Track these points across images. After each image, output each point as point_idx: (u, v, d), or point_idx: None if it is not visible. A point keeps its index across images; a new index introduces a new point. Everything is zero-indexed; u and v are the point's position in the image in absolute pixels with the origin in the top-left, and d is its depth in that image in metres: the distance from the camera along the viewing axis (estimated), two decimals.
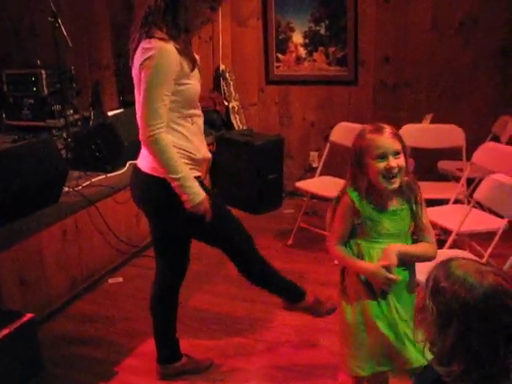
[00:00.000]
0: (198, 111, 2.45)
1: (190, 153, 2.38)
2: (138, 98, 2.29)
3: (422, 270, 1.78)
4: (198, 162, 2.43)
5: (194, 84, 2.34)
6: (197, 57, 2.42)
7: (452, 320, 1.28)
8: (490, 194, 2.98)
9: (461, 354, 1.28)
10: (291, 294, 2.88)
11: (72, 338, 3.14)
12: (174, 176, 2.28)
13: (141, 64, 2.23)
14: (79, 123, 4.90)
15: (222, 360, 2.92)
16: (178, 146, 2.34)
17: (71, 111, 4.84)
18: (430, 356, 1.38)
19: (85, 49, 5.34)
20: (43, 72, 4.80)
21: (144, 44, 2.22)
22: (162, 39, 2.21)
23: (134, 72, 2.31)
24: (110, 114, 4.58)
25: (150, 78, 2.21)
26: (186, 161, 2.37)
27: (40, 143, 3.44)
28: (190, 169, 2.39)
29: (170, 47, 2.21)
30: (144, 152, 2.42)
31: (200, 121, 2.47)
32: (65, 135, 4.29)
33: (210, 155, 2.56)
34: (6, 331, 2.60)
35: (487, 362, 1.26)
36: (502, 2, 4.37)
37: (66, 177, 3.46)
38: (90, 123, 4.79)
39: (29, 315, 2.74)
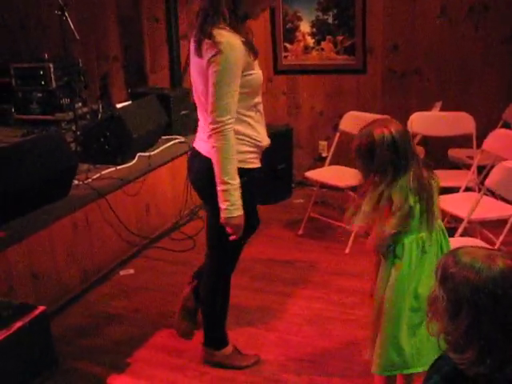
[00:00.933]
0: (260, 99, 2.47)
1: (257, 141, 2.44)
2: (199, 86, 2.33)
3: None
4: (261, 149, 2.51)
5: (258, 72, 2.37)
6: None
7: (463, 305, 1.28)
8: (502, 180, 2.96)
9: (474, 339, 1.28)
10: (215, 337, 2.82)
11: (84, 331, 3.17)
12: (225, 178, 2.25)
13: (209, 59, 2.21)
14: (88, 116, 4.91)
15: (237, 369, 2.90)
16: (246, 135, 2.38)
17: (80, 104, 4.84)
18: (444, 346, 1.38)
19: (92, 41, 5.34)
20: (51, 66, 4.81)
21: (212, 37, 2.19)
22: (228, 32, 2.20)
23: (199, 62, 2.30)
24: (118, 106, 4.59)
25: (219, 74, 2.20)
26: (252, 149, 2.44)
27: (49, 137, 3.46)
28: (255, 158, 2.47)
29: (237, 41, 2.21)
30: (204, 136, 2.40)
31: (261, 108, 2.50)
32: (74, 128, 4.30)
33: (269, 142, 2.60)
34: (19, 324, 2.61)
35: (501, 347, 1.26)
36: None
37: (76, 170, 3.47)
38: (99, 116, 4.80)
39: (41, 308, 2.75)
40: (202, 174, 2.46)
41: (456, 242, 3.02)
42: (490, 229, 3.52)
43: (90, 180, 3.67)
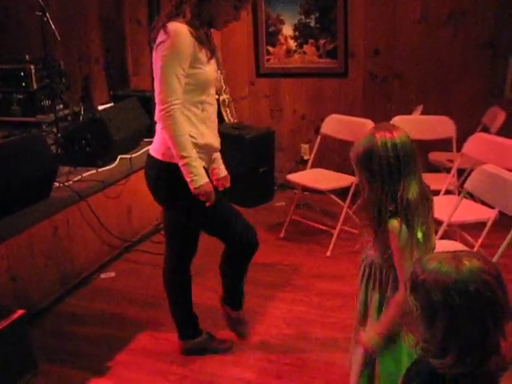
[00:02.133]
0: (210, 99, 2.51)
1: (192, 137, 2.43)
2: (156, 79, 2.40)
3: None
4: (200, 147, 2.47)
5: (206, 71, 2.42)
6: (219, 53, 2.53)
7: (437, 309, 1.29)
8: (481, 184, 2.98)
9: (453, 342, 1.29)
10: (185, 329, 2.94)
11: (64, 334, 3.14)
12: (182, 153, 2.35)
13: (157, 46, 2.34)
14: (69, 118, 4.87)
15: (213, 353, 2.92)
16: None
17: (61, 106, 4.80)
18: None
19: (74, 43, 5.30)
20: (32, 67, 4.76)
21: (165, 27, 2.32)
22: (180, 23, 2.32)
23: (154, 56, 2.40)
24: (100, 108, 4.57)
25: (165, 58, 2.31)
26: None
27: (29, 139, 3.43)
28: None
29: (185, 30, 2.30)
30: (157, 138, 2.51)
31: (211, 109, 2.53)
32: (55, 130, 4.27)
33: (217, 145, 2.63)
34: None
35: (480, 344, 1.28)
36: None
37: (57, 172, 3.45)
38: (81, 118, 4.77)
39: (20, 311, 2.72)
40: (150, 174, 2.55)
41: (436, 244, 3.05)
42: (469, 231, 3.55)
43: (70, 182, 3.64)
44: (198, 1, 2.36)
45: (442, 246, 2.99)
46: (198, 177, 2.38)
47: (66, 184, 3.60)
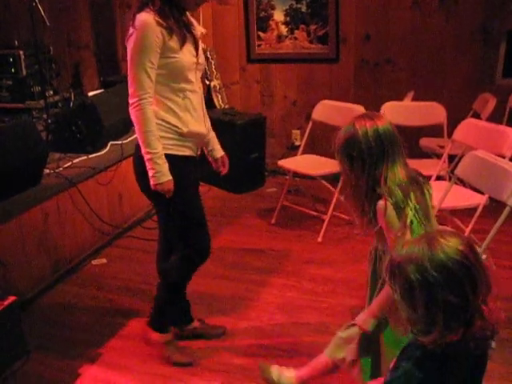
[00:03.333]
0: (192, 86, 2.47)
1: (176, 126, 2.43)
2: None
3: None
4: (185, 136, 2.46)
5: (180, 58, 2.39)
6: (198, 32, 2.52)
7: (414, 287, 1.34)
8: (471, 170, 3.00)
9: (436, 313, 1.34)
10: (164, 319, 2.85)
11: (55, 321, 3.14)
12: (147, 149, 2.36)
13: (127, 39, 2.34)
14: (59, 104, 4.84)
15: (205, 339, 2.93)
16: (164, 119, 2.42)
17: (51, 92, 4.77)
18: None
19: (63, 29, 5.25)
20: (21, 53, 4.72)
21: (136, 17, 2.31)
22: (148, 13, 2.29)
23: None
24: (90, 94, 4.54)
25: (132, 51, 2.31)
26: (171, 135, 2.44)
27: (19, 125, 3.40)
28: (175, 145, 2.46)
29: (151, 21, 2.28)
30: None
31: (194, 96, 2.49)
32: (45, 116, 4.24)
33: (204, 131, 2.60)
34: None
35: (461, 310, 1.33)
36: None
37: (47, 158, 3.43)
38: (71, 104, 4.74)
39: (11, 298, 2.72)
40: (136, 160, 2.53)
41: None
42: (459, 217, 3.58)
43: (61, 169, 3.63)
44: None
45: None
46: (159, 174, 2.37)
47: (57, 170, 3.58)
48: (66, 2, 5.15)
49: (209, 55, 5.14)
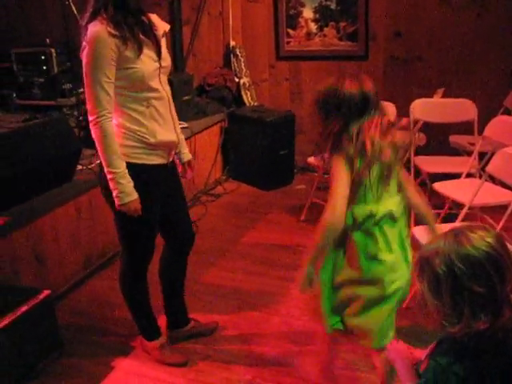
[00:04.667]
0: (156, 94, 2.37)
1: (143, 137, 2.35)
2: None
3: None
4: (154, 146, 2.39)
5: (140, 68, 2.28)
6: (162, 30, 2.40)
7: (441, 279, 1.37)
8: (503, 166, 2.97)
9: (462, 303, 1.36)
10: (147, 328, 2.82)
11: (88, 315, 3.19)
12: (109, 168, 2.27)
13: (81, 51, 2.24)
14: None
15: (237, 334, 2.96)
16: (130, 130, 2.34)
17: (81, 90, 4.84)
18: None
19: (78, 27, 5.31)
20: (53, 50, 4.80)
21: (88, 27, 2.21)
22: (101, 23, 2.19)
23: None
24: None
25: (86, 66, 2.21)
26: (138, 144, 2.36)
27: (53, 121, 3.46)
28: (144, 154, 2.38)
29: (103, 33, 2.18)
30: None
31: (160, 103, 2.39)
32: (76, 114, 4.30)
33: (174, 139, 2.49)
34: (24, 308, 2.63)
35: (489, 300, 1.35)
36: None
37: (80, 155, 3.48)
38: None
39: (46, 292, 2.77)
40: (98, 172, 2.49)
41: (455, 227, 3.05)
42: (489, 214, 3.55)
43: (93, 165, 3.68)
44: None
45: None
46: (123, 194, 2.29)
47: (89, 167, 3.63)
48: None
49: (238, 53, 5.17)
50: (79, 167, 3.57)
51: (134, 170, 2.34)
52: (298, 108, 5.14)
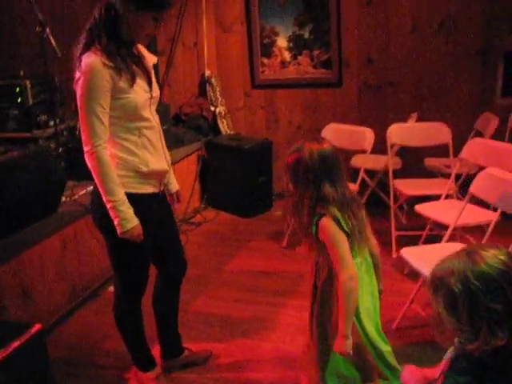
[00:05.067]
0: (147, 123, 2.39)
1: (136, 166, 2.36)
2: None
3: None
4: (146, 175, 2.41)
5: (133, 98, 2.30)
6: (151, 62, 2.45)
7: (457, 297, 1.40)
8: (487, 187, 3.06)
9: (480, 320, 1.39)
10: (141, 359, 2.80)
11: (77, 348, 3.14)
12: (108, 197, 2.27)
13: (75, 82, 2.26)
14: (65, 133, 4.87)
15: (231, 361, 2.95)
16: (123, 159, 2.34)
17: (57, 121, 4.81)
18: None
19: (65, 57, 5.30)
20: (28, 82, 4.77)
21: (82, 59, 2.23)
22: (95, 54, 2.21)
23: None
24: None
25: (81, 98, 2.22)
26: (131, 173, 2.36)
27: (37, 153, 3.44)
28: (137, 183, 2.39)
29: (98, 64, 2.20)
30: None
31: (151, 133, 2.42)
32: (53, 145, 4.27)
33: (165, 167, 2.52)
34: (16, 343, 2.56)
35: (505, 317, 1.38)
36: (478, 3, 4.50)
37: (64, 186, 3.46)
38: (76, 132, 4.77)
39: (37, 326, 2.68)
40: (92, 201, 2.48)
41: (443, 247, 3.13)
42: (468, 234, 3.65)
43: (76, 196, 3.65)
44: (114, 20, 2.25)
45: (450, 248, 3.07)
46: (124, 221, 2.28)
47: (73, 198, 3.60)
48: (68, 31, 5.22)
49: (213, 82, 5.23)
50: (63, 199, 3.54)
51: (128, 199, 2.33)
52: (273, 135, 5.20)
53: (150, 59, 2.49)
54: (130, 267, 2.56)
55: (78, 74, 2.24)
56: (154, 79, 2.47)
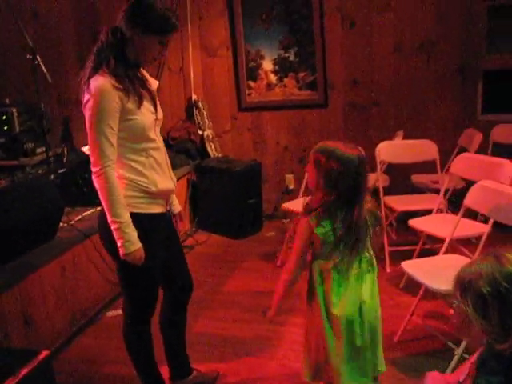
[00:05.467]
0: (154, 144, 2.43)
1: (145, 187, 2.38)
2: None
3: None
4: (155, 195, 2.43)
5: (140, 119, 2.34)
6: (154, 86, 2.48)
7: (487, 300, 1.44)
8: (481, 199, 3.14)
9: (510, 320, 1.43)
10: (151, 382, 2.80)
11: (80, 374, 3.10)
12: (114, 218, 2.28)
13: (83, 105, 2.28)
14: (51, 160, 4.85)
15: (239, 380, 2.95)
16: (131, 180, 2.36)
17: (43, 148, 4.79)
18: None
19: (52, 84, 5.30)
20: (14, 110, 4.75)
21: (88, 84, 2.26)
22: (104, 77, 2.25)
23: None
24: (83, 149, 4.59)
25: (90, 119, 2.24)
26: (139, 193, 2.38)
27: (35, 180, 3.43)
28: (146, 204, 2.41)
29: (108, 85, 2.24)
30: None
31: (157, 153, 2.45)
32: (41, 172, 4.25)
33: (172, 187, 2.55)
34: (24, 370, 2.54)
35: None
36: (457, 25, 4.66)
37: (63, 212, 3.44)
38: (64, 159, 4.76)
39: (44, 352, 2.66)
40: (99, 224, 2.50)
41: (442, 259, 3.20)
42: (462, 246, 3.73)
43: (72, 222, 3.64)
44: (120, 44, 2.31)
45: (448, 260, 3.16)
46: (128, 243, 2.29)
47: (71, 223, 3.59)
48: (54, 59, 5.23)
49: (200, 106, 5.27)
50: (60, 224, 3.52)
51: (137, 219, 2.35)
52: (261, 156, 5.26)
53: (153, 82, 2.52)
54: (140, 288, 2.56)
55: (86, 97, 2.25)
56: (158, 102, 2.49)
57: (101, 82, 2.24)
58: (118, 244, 2.31)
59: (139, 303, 2.61)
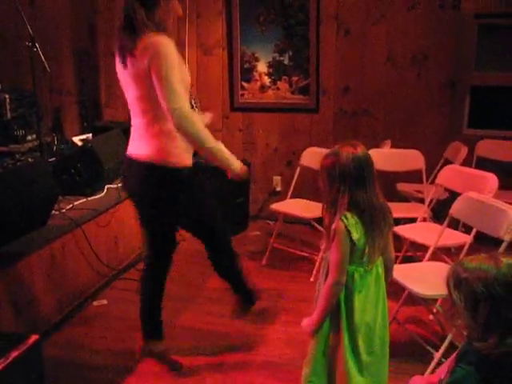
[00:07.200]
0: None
1: (179, 148, 2.62)
2: (136, 92, 2.52)
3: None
4: (190, 151, 2.68)
5: (185, 75, 2.58)
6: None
7: (479, 299, 1.50)
8: (466, 210, 3.24)
9: (495, 326, 1.50)
10: (247, 297, 3.19)
11: (63, 361, 3.13)
12: (206, 146, 2.51)
13: (149, 60, 2.40)
14: (44, 148, 4.85)
15: (223, 374, 3.00)
16: (178, 135, 2.55)
17: (34, 136, 4.79)
18: None
19: (45, 74, 5.31)
20: (7, 96, 4.74)
21: (145, 40, 2.41)
22: (156, 34, 2.43)
23: (133, 72, 2.48)
24: (74, 139, 4.62)
25: (164, 67, 2.39)
26: (185, 145, 2.62)
27: (31, 166, 3.45)
28: (189, 158, 2.70)
29: (169, 40, 2.45)
30: (144, 142, 2.60)
31: None
32: (30, 160, 4.26)
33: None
34: (15, 353, 2.57)
35: None
36: (449, 39, 4.78)
37: (57, 199, 3.47)
38: (54, 148, 4.77)
39: (34, 336, 2.70)
40: (139, 177, 2.66)
41: (426, 265, 3.29)
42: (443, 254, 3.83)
43: (64, 210, 3.67)
44: (155, 10, 2.48)
45: (433, 267, 3.25)
46: (230, 160, 2.63)
47: (62, 211, 3.62)
48: (49, 49, 5.24)
49: (193, 103, 5.30)
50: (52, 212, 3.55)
51: (187, 171, 2.68)
52: (251, 157, 5.31)
53: None
54: (166, 232, 2.84)
55: (151, 52, 2.38)
56: None
57: (159, 37, 2.42)
58: (225, 164, 2.64)
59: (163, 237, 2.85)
